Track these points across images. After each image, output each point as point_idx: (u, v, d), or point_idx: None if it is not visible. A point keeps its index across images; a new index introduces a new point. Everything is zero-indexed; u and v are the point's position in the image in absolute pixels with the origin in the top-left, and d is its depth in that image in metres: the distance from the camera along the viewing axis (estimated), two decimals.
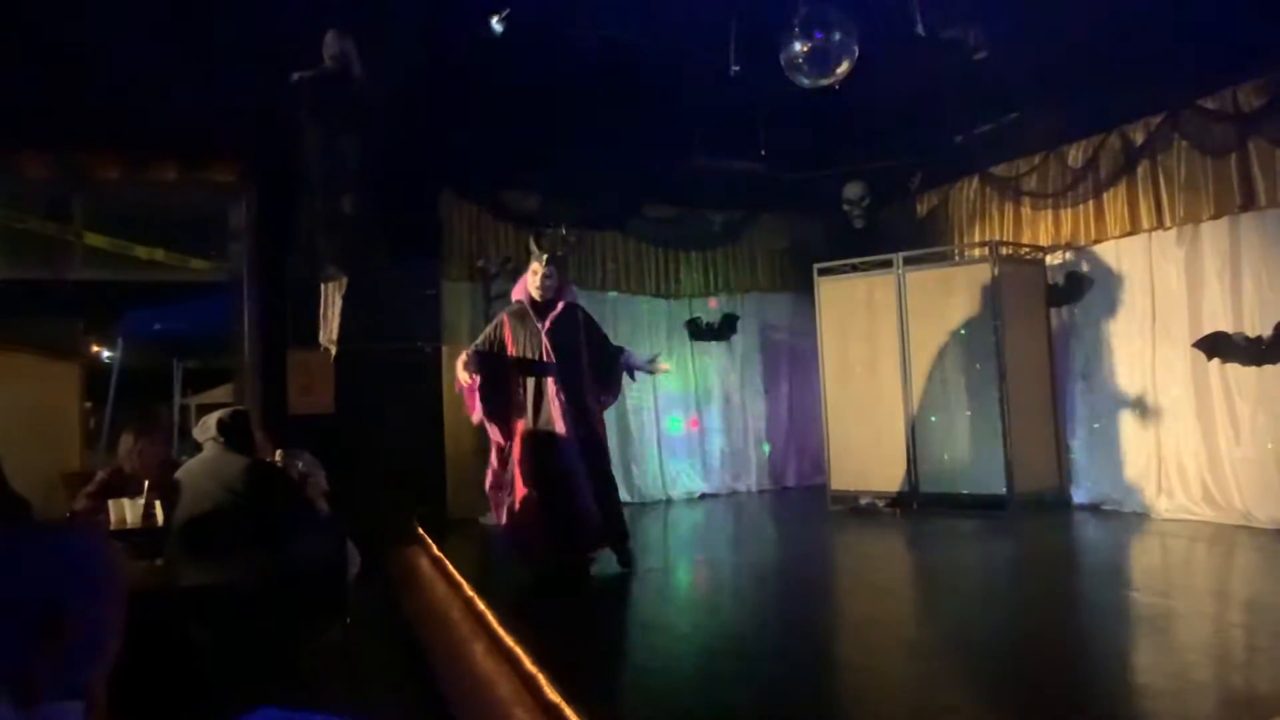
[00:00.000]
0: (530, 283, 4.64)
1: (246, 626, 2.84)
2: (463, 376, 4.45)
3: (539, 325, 4.59)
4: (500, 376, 4.58)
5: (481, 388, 4.51)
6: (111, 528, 3.40)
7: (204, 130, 5.87)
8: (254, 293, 6.44)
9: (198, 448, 3.29)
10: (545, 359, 4.55)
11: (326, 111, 5.20)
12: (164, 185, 6.14)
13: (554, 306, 4.61)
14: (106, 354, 10.34)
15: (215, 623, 2.83)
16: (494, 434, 4.67)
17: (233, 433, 3.09)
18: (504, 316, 4.72)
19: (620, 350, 4.91)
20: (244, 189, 6.41)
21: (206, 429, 3.17)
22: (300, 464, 4.37)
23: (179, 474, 3.17)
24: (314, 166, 6.11)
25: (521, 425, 4.55)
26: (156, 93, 5.29)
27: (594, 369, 4.70)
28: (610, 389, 4.81)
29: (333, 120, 5.32)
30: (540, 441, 4.50)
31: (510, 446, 4.60)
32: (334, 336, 6.46)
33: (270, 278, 6.42)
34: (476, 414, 4.63)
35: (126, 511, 3.47)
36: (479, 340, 4.72)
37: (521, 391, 4.59)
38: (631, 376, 4.95)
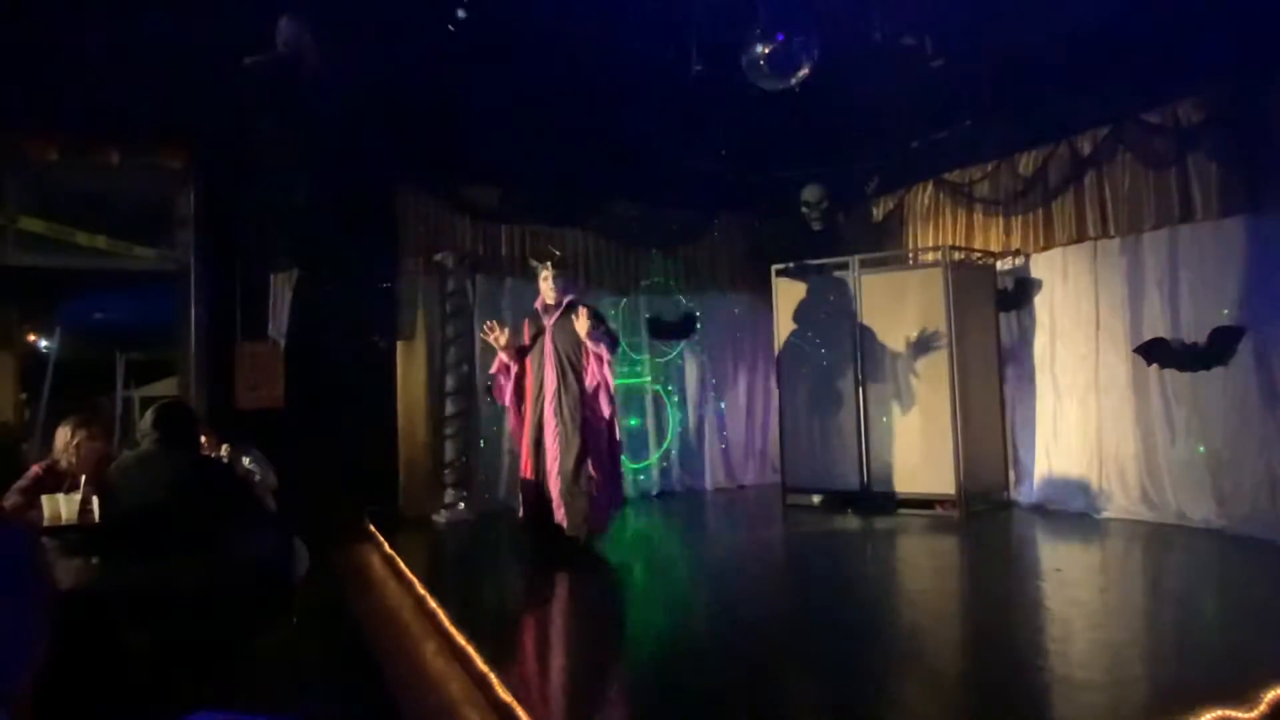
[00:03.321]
0: (542, 289, 5.29)
1: (187, 627, 2.75)
2: (503, 355, 5.19)
3: (545, 322, 5.19)
4: (520, 366, 5.26)
5: (513, 375, 5.23)
6: (45, 524, 3.27)
7: (150, 113, 5.66)
8: (202, 283, 6.26)
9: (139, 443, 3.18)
10: (549, 352, 5.12)
11: (279, 98, 5.08)
12: (106, 169, 5.92)
13: (559, 306, 5.20)
14: (44, 344, 9.95)
15: (153, 624, 2.74)
16: (512, 419, 5.37)
17: (170, 426, 2.99)
18: (525, 320, 5.37)
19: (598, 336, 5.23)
20: (192, 176, 6.21)
21: (143, 426, 3.07)
22: (247, 460, 4.27)
23: (112, 469, 3.06)
24: (266, 154, 5.95)
25: (529, 411, 5.16)
26: (99, 72, 5.09)
27: (593, 357, 5.15)
28: (603, 358, 5.15)
29: (285, 107, 5.20)
30: (535, 426, 5.10)
31: (522, 431, 5.22)
32: (284, 329, 6.31)
33: (219, 268, 6.25)
34: (502, 397, 5.33)
35: (61, 507, 3.34)
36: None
37: (529, 381, 5.20)
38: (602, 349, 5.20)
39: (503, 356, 5.19)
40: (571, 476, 4.93)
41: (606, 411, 5.11)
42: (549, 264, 5.25)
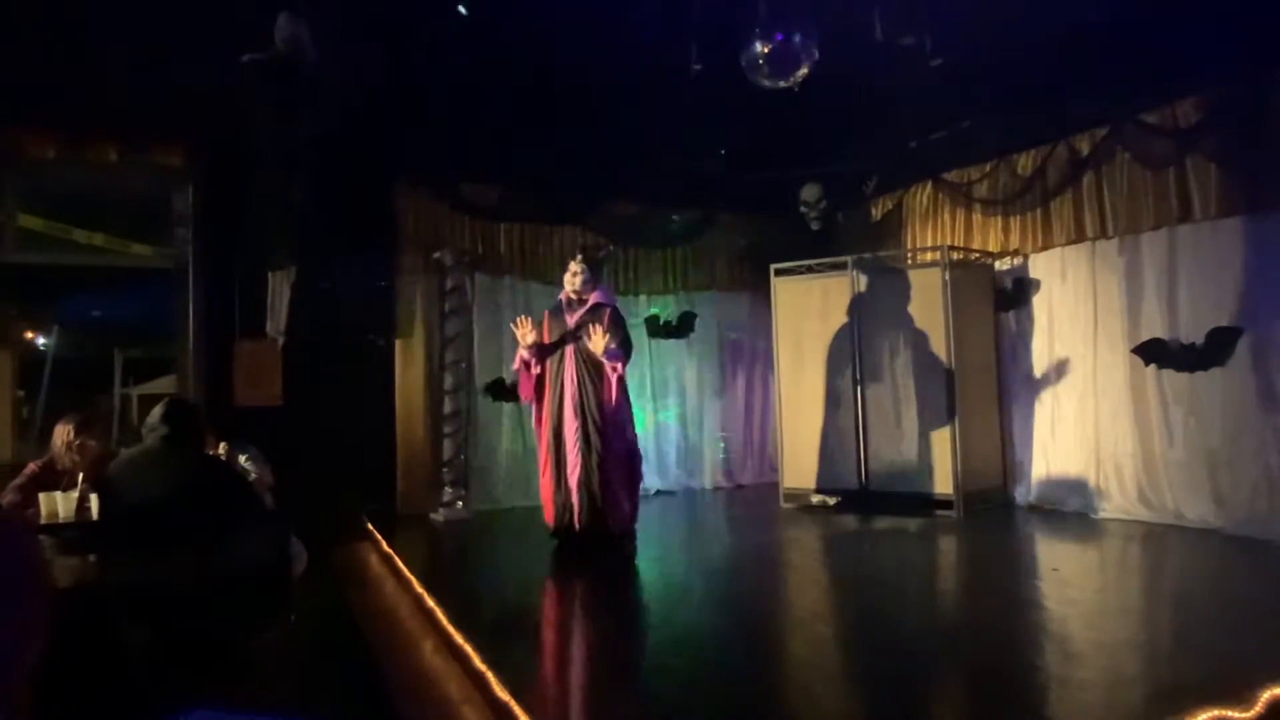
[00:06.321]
0: (565, 282, 5.20)
1: (185, 625, 2.75)
2: (524, 352, 5.10)
3: (568, 320, 5.09)
4: (541, 364, 5.15)
5: (535, 373, 5.16)
6: (42, 522, 3.27)
7: (148, 110, 5.66)
8: (200, 280, 6.25)
9: (139, 439, 3.18)
10: (569, 350, 5.04)
11: (277, 96, 5.07)
12: (104, 167, 5.91)
13: (584, 304, 5.09)
14: (41, 341, 9.94)
15: (151, 621, 2.74)
16: (535, 417, 5.29)
17: (178, 423, 3.00)
18: (546, 312, 5.28)
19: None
20: (190, 173, 6.21)
21: (150, 421, 3.07)
22: (243, 457, 4.26)
23: (113, 466, 3.06)
24: (264, 151, 5.94)
25: (546, 410, 5.10)
26: (96, 69, 5.08)
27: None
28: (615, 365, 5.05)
29: (284, 105, 5.19)
30: (553, 427, 5.04)
31: (541, 429, 5.16)
32: (282, 327, 6.30)
33: (217, 265, 6.24)
34: (525, 394, 5.28)
35: (59, 505, 3.34)
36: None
37: (548, 379, 5.11)
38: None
39: (523, 353, 5.09)
40: (598, 479, 4.89)
41: (624, 414, 5.04)
42: (578, 256, 5.21)
